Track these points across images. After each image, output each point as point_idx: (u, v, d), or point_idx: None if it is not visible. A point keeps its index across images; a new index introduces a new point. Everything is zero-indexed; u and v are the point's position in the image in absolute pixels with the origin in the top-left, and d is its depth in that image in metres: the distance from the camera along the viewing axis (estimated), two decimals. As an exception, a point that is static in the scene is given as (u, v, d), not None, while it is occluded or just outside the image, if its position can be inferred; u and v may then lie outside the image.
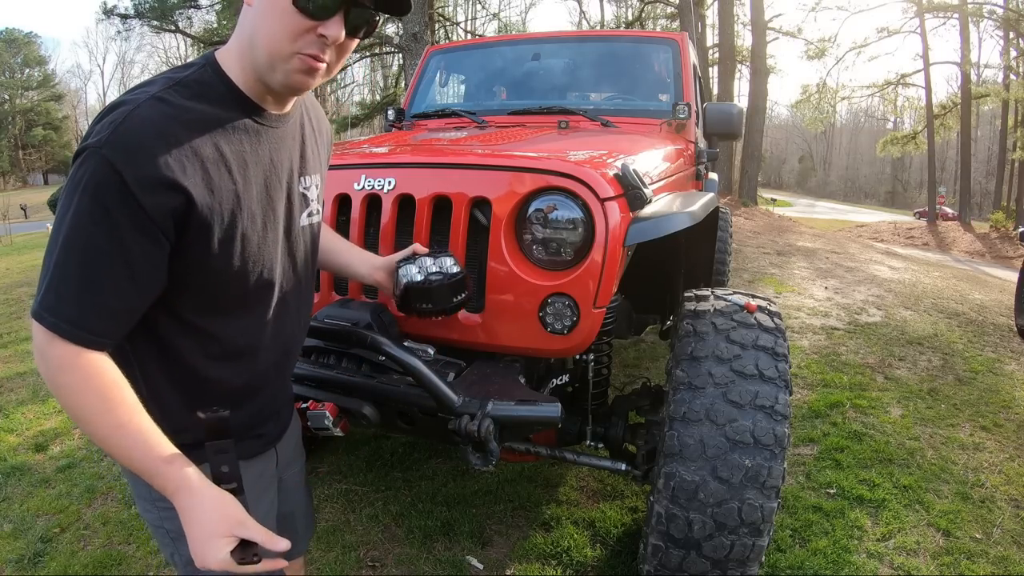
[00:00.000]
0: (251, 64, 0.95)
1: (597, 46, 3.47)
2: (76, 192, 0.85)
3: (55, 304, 0.87)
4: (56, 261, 0.87)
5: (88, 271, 0.87)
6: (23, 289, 7.30)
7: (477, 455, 1.46)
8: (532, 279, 1.58)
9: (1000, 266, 15.33)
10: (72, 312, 0.87)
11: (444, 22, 19.53)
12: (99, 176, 0.84)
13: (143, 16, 15.43)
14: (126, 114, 0.86)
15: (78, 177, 0.85)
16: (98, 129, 0.86)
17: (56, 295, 0.87)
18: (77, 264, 0.86)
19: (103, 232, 0.86)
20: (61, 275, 0.87)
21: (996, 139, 36.15)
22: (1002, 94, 25.70)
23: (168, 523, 1.10)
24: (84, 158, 0.85)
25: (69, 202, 0.86)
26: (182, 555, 1.11)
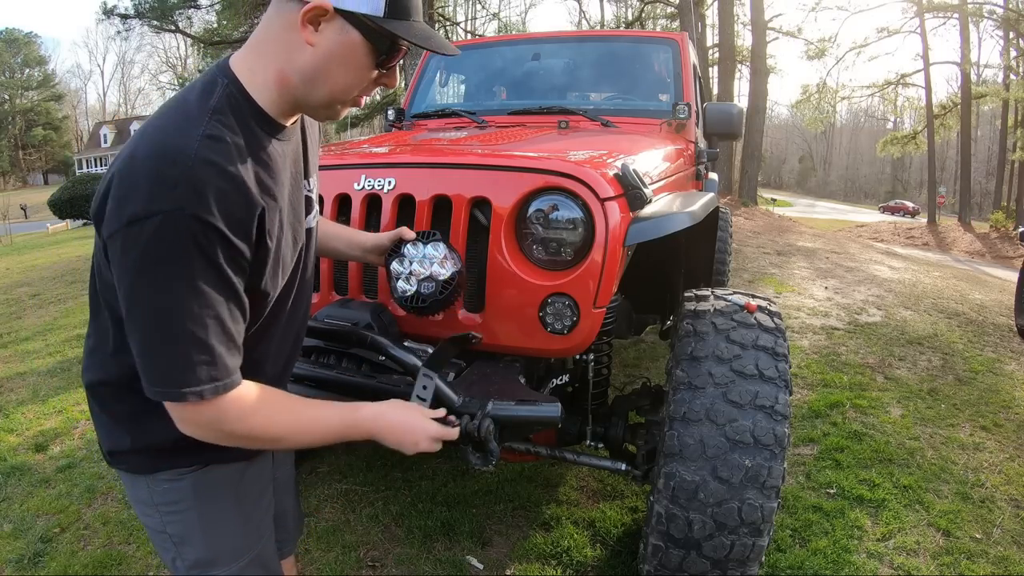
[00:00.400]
0: (296, 95, 0.96)
1: (597, 46, 3.47)
2: (174, 259, 0.83)
3: (204, 374, 0.88)
4: (182, 332, 0.85)
5: (216, 325, 0.88)
6: (23, 289, 7.30)
7: (477, 455, 1.46)
8: (532, 279, 1.58)
9: (1000, 266, 15.34)
10: (219, 371, 0.89)
11: (444, 22, 19.53)
12: (198, 234, 0.83)
13: (143, 16, 15.44)
14: (191, 165, 0.84)
15: (167, 243, 0.82)
16: (159, 187, 0.82)
17: (200, 365, 0.87)
18: (196, 323, 0.86)
19: (220, 285, 0.88)
20: (193, 342, 0.86)
21: (996, 139, 36.15)
22: (1002, 94, 25.71)
23: (171, 527, 1.10)
24: (167, 223, 0.82)
25: (166, 269, 0.83)
26: (185, 559, 1.11)
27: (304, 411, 1.02)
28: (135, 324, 0.87)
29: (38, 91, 57.16)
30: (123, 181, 0.85)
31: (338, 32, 0.91)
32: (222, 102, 0.91)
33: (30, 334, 5.25)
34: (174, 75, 43.78)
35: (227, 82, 0.94)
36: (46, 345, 4.89)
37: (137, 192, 0.83)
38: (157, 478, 1.07)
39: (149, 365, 0.88)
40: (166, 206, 0.82)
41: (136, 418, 1.04)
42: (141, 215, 0.82)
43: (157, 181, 0.83)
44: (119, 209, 0.84)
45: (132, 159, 0.85)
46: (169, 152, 0.84)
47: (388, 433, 1.10)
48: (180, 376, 0.87)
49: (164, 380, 0.87)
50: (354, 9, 0.90)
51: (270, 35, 0.94)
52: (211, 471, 1.09)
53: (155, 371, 0.88)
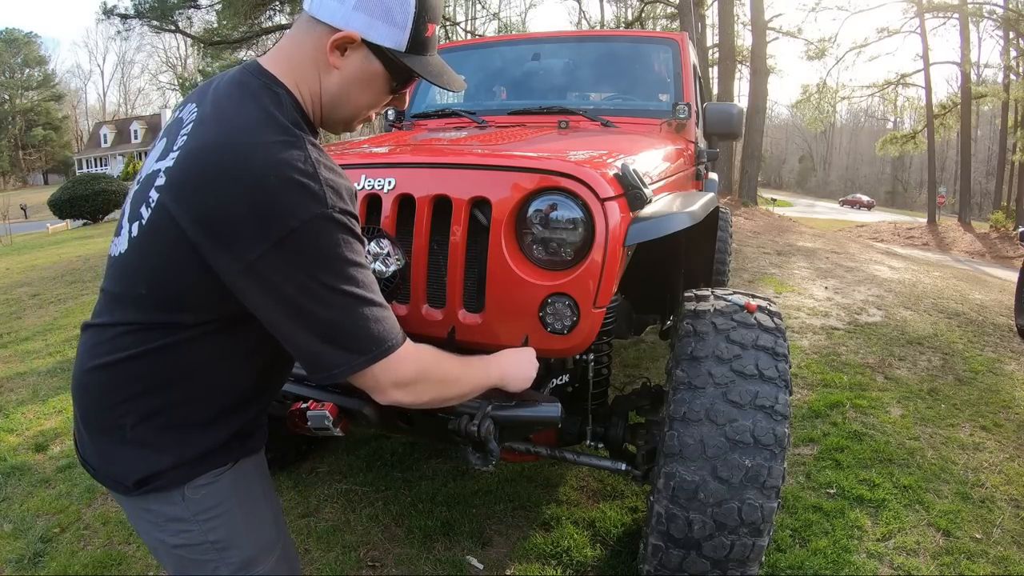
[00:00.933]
0: (325, 110, 1.05)
1: (597, 46, 3.47)
2: (341, 250, 0.93)
3: (392, 325, 1.00)
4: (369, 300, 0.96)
5: (375, 291, 0.99)
6: (23, 289, 7.30)
7: (477, 455, 1.46)
8: (532, 279, 1.58)
9: (1000, 266, 15.35)
10: (392, 325, 1.00)
11: (444, 22, 19.53)
12: (348, 223, 0.94)
13: (143, 16, 15.45)
14: (316, 170, 0.92)
15: (330, 239, 0.92)
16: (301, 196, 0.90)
17: (388, 320, 0.99)
18: (371, 292, 0.98)
19: (363, 257, 0.98)
20: (378, 305, 0.98)
21: (996, 139, 36.16)
22: (1002, 94, 25.72)
23: (214, 533, 1.07)
24: (323, 224, 0.91)
25: (336, 260, 0.93)
26: (230, 563, 1.08)
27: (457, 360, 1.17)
28: (316, 317, 0.93)
29: (38, 91, 57.17)
30: (260, 198, 0.88)
31: (362, 60, 1.01)
32: (292, 112, 0.99)
33: (30, 334, 5.25)
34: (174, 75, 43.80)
35: (284, 94, 1.00)
36: (46, 345, 4.89)
37: (283, 205, 0.89)
38: (194, 486, 1.03)
39: (345, 344, 0.95)
40: (317, 209, 0.90)
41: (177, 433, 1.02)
42: (296, 224, 0.89)
43: (300, 190, 0.90)
44: (265, 226, 0.88)
45: (258, 176, 0.89)
46: (295, 161, 0.91)
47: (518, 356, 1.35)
48: (377, 336, 0.96)
49: (363, 347, 0.96)
50: (379, 43, 1.00)
51: (302, 53, 1.01)
52: (241, 465, 1.09)
53: (353, 346, 0.95)
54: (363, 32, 0.98)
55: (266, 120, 0.94)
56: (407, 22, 1.00)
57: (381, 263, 1.50)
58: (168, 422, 1.02)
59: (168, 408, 1.01)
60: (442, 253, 1.66)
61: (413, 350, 1.04)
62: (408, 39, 1.01)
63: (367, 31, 0.98)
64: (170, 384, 1.00)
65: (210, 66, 19.76)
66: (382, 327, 0.97)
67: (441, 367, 1.11)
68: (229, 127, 0.94)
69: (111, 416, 1.02)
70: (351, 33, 0.97)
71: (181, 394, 1.01)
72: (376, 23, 0.98)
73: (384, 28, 0.99)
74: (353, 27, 0.97)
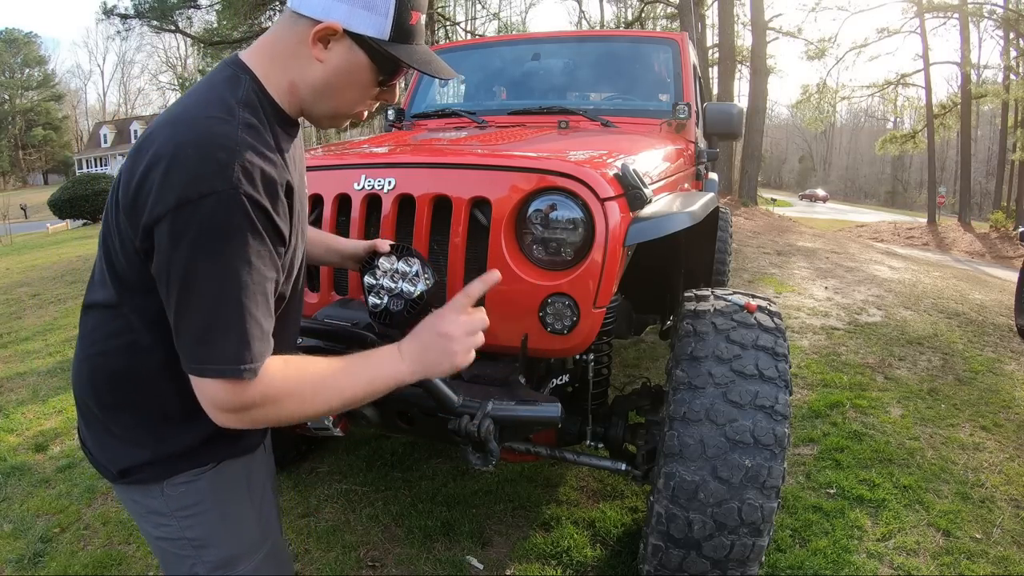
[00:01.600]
0: (304, 105, 1.02)
1: (597, 46, 3.47)
2: (230, 237, 0.86)
3: (258, 349, 0.89)
4: (242, 308, 0.87)
5: (262, 300, 0.91)
6: (23, 289, 7.30)
7: (477, 455, 1.46)
8: (532, 279, 1.58)
9: (1000, 266, 15.34)
10: (266, 346, 0.91)
11: (444, 22, 19.53)
12: (251, 212, 0.87)
13: (143, 16, 15.45)
14: (237, 149, 0.88)
15: (223, 222, 0.85)
16: (209, 170, 0.85)
17: (255, 340, 0.89)
18: (252, 300, 0.89)
19: (266, 262, 0.91)
20: (250, 318, 0.88)
21: (996, 139, 36.15)
22: (1002, 94, 25.70)
23: (191, 531, 1.08)
24: (221, 202, 0.85)
25: (223, 248, 0.86)
26: (207, 562, 1.10)
27: (340, 379, 0.98)
28: (190, 304, 0.87)
29: (38, 91, 57.17)
30: (171, 166, 0.86)
31: (346, 52, 0.98)
32: (250, 96, 0.96)
33: (30, 334, 5.25)
34: (174, 75, 43.76)
35: (248, 79, 0.98)
36: (46, 345, 4.89)
37: (185, 176, 0.85)
38: (173, 482, 1.05)
39: (206, 343, 0.88)
40: (219, 186, 0.85)
41: (157, 426, 1.03)
42: (193, 197, 0.84)
43: (207, 164, 0.86)
44: (169, 192, 0.85)
45: (171, 146, 0.88)
46: (215, 137, 0.88)
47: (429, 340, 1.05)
48: (239, 352, 0.88)
49: (221, 357, 0.87)
50: (362, 32, 0.97)
51: (283, 46, 0.99)
52: (224, 466, 1.09)
53: (212, 350, 0.87)
54: (344, 22, 0.96)
55: (210, 100, 0.94)
56: (389, 9, 0.97)
57: (408, 283, 1.47)
58: (144, 416, 1.03)
59: (143, 401, 1.03)
60: (442, 253, 1.66)
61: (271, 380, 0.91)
62: (391, 27, 0.98)
63: (348, 20, 0.96)
64: (143, 378, 1.01)
65: (210, 66, 19.77)
66: (240, 345, 0.87)
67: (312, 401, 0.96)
68: (175, 110, 0.95)
69: (98, 403, 1.06)
70: (332, 24, 0.95)
71: (154, 388, 1.02)
72: (357, 11, 0.96)
73: (366, 16, 0.97)
74: (334, 17, 0.95)
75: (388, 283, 1.45)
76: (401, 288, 1.45)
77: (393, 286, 1.45)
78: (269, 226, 0.91)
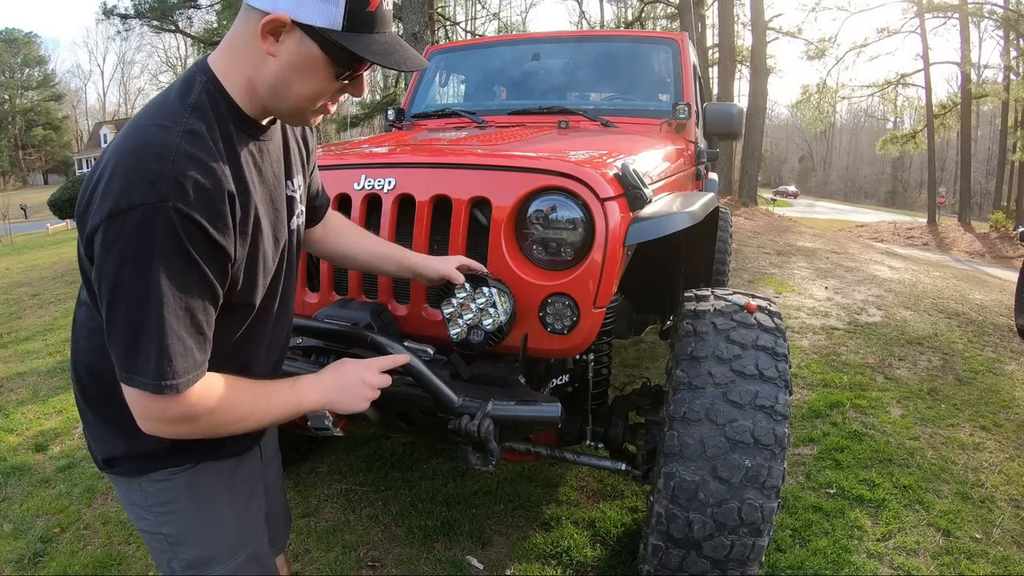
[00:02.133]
0: (265, 102, 0.97)
1: (597, 46, 3.47)
2: (156, 251, 0.84)
3: (180, 365, 0.88)
4: (163, 324, 0.86)
5: (187, 317, 0.88)
6: (23, 289, 7.30)
7: (477, 455, 1.46)
8: (532, 279, 1.58)
9: (1000, 266, 15.35)
10: (191, 363, 0.90)
11: (444, 22, 19.53)
12: (178, 227, 0.84)
13: (143, 16, 15.45)
14: (171, 159, 0.85)
15: (149, 235, 0.83)
16: (141, 180, 0.83)
17: (177, 357, 0.88)
18: (175, 316, 0.87)
19: (195, 278, 0.88)
20: (172, 335, 0.87)
21: (996, 139, 36.14)
22: (1002, 94, 25.69)
23: (166, 527, 1.10)
24: (148, 215, 0.83)
25: (148, 261, 0.84)
26: (181, 559, 1.12)
27: (262, 396, 1.02)
28: (116, 315, 0.86)
29: (38, 91, 57.16)
30: (112, 174, 0.85)
31: (297, 44, 0.92)
32: (201, 98, 0.93)
33: (30, 334, 5.25)
34: (174, 75, 43.79)
35: (205, 80, 0.95)
36: (46, 345, 4.89)
37: (120, 185, 0.84)
38: (150, 479, 1.07)
39: (129, 354, 0.87)
40: (149, 198, 0.83)
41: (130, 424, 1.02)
42: (124, 207, 0.83)
43: (140, 174, 0.84)
44: (103, 202, 0.84)
45: (116, 154, 0.87)
46: (151, 146, 0.86)
47: (331, 380, 1.12)
48: (159, 367, 0.86)
49: (142, 370, 0.87)
50: (311, 22, 0.90)
51: (241, 41, 0.95)
52: (203, 468, 1.10)
53: (135, 362, 0.87)
54: (291, 12, 0.89)
55: (158, 107, 0.92)
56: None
57: (485, 315, 1.47)
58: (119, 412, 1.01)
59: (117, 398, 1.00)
60: (442, 253, 1.66)
61: (197, 400, 0.92)
62: (343, 15, 0.90)
63: (295, 11, 0.89)
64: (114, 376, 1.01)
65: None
66: (161, 360, 0.86)
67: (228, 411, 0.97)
68: (135, 116, 0.95)
69: (82, 395, 1.09)
70: (278, 15, 0.89)
71: None
72: (304, 1, 0.89)
73: (314, 5, 0.89)
74: (280, 8, 0.89)
75: (466, 316, 1.50)
76: (479, 321, 1.49)
77: (470, 318, 1.50)
78: (203, 239, 0.87)
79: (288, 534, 1.49)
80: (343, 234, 1.45)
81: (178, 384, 0.88)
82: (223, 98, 0.95)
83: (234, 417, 0.98)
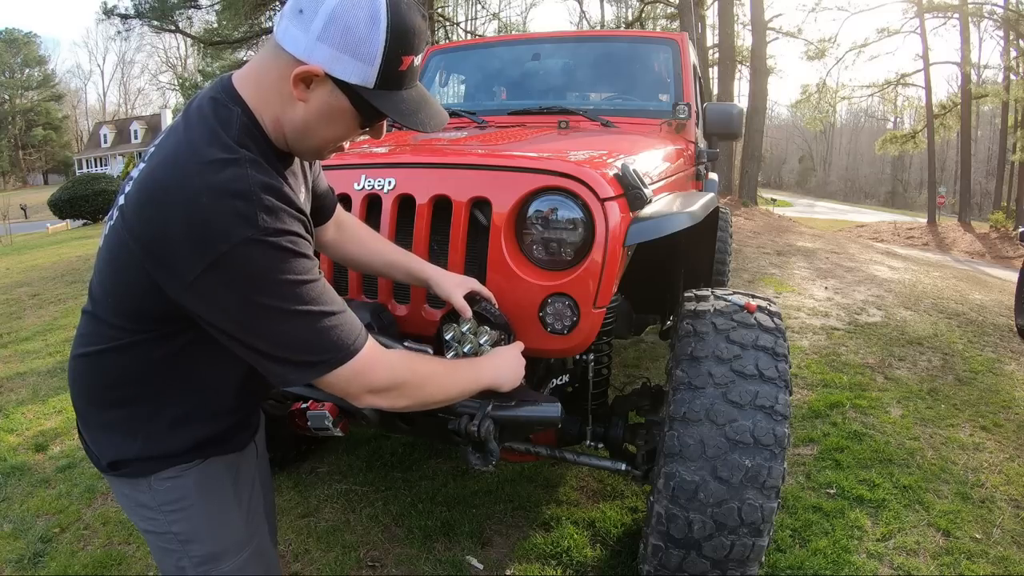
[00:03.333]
0: (290, 140, 1.00)
1: (597, 46, 3.47)
2: (269, 271, 0.89)
3: (352, 327, 0.98)
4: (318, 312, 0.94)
5: (324, 303, 0.95)
6: (23, 289, 7.30)
7: (477, 455, 1.46)
8: (532, 279, 1.58)
9: (1000, 266, 15.34)
10: (350, 328, 0.98)
11: (444, 22, 19.54)
12: (279, 243, 0.90)
13: (143, 16, 15.44)
14: (246, 190, 0.89)
15: (258, 263, 0.88)
16: (235, 221, 0.87)
17: (346, 325, 0.97)
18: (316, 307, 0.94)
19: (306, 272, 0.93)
20: (315, 324, 0.94)
21: (996, 139, 36.14)
22: (1002, 94, 25.67)
23: (177, 525, 1.10)
24: (253, 248, 0.87)
25: (267, 282, 0.89)
26: (193, 556, 1.12)
27: (440, 364, 1.22)
28: (263, 336, 0.92)
29: (38, 91, 57.16)
30: (196, 220, 0.86)
31: (328, 95, 0.94)
32: (241, 133, 0.94)
33: (30, 334, 5.25)
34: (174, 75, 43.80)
35: (239, 111, 0.96)
36: (46, 345, 4.89)
37: (216, 228, 0.86)
38: (160, 477, 1.07)
39: (297, 357, 0.94)
40: (247, 232, 0.87)
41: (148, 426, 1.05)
42: (227, 248, 0.86)
43: (231, 212, 0.87)
44: (203, 248, 0.86)
45: (195, 197, 0.87)
46: (229, 183, 0.88)
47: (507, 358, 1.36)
48: (336, 342, 0.95)
49: (321, 355, 0.94)
50: (345, 79, 0.92)
51: (270, 80, 0.96)
52: (211, 464, 1.11)
53: (308, 355, 0.94)
54: (327, 67, 0.90)
55: (210, 140, 0.92)
56: (375, 57, 0.91)
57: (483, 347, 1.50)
58: (136, 415, 1.05)
59: (135, 402, 1.05)
60: (442, 253, 1.66)
61: (380, 354, 1.02)
62: (377, 75, 0.92)
63: (331, 66, 0.91)
64: (134, 382, 1.03)
65: (210, 66, 19.76)
66: (336, 335, 0.95)
67: (418, 372, 1.09)
68: (175, 148, 0.94)
69: (88, 400, 1.08)
70: (314, 68, 0.90)
71: (146, 392, 1.04)
72: (342, 57, 0.90)
73: (350, 63, 0.91)
74: (316, 60, 0.90)
75: (466, 346, 1.51)
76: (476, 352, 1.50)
77: (469, 349, 1.51)
78: (299, 242, 0.94)
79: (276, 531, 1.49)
80: (358, 239, 1.46)
81: (352, 348, 0.96)
82: (258, 131, 0.97)
83: (432, 381, 1.12)
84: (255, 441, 1.25)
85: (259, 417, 1.27)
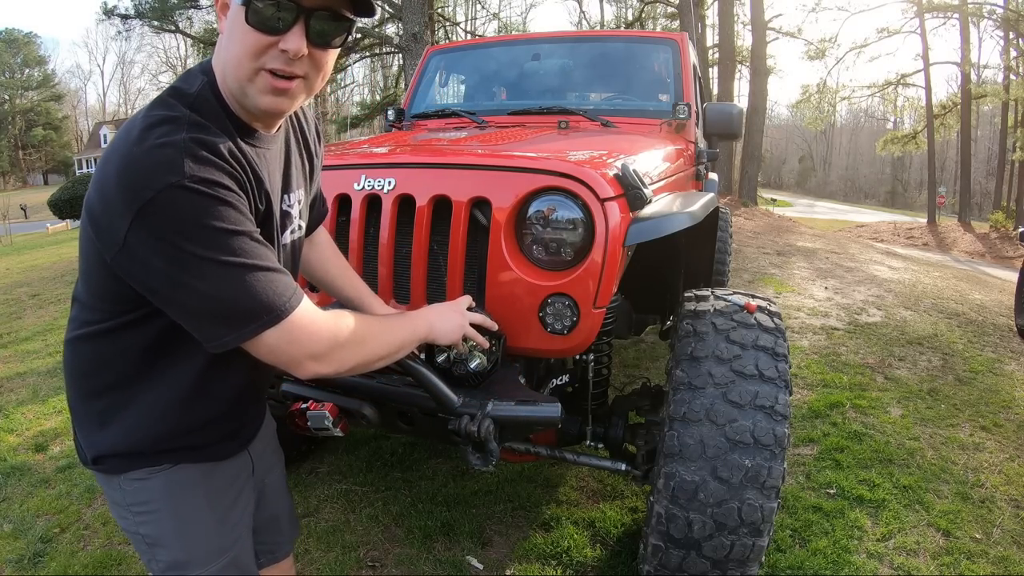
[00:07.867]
0: (229, 92, 0.97)
1: (597, 46, 3.47)
2: (195, 221, 0.86)
3: (284, 288, 0.94)
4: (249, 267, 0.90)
5: (263, 249, 0.93)
6: (23, 289, 7.30)
7: (477, 455, 1.46)
8: (532, 279, 1.58)
9: (1000, 266, 15.33)
10: (280, 287, 0.94)
11: (444, 22, 19.53)
12: (205, 192, 0.87)
13: (143, 16, 15.41)
14: (175, 139, 0.87)
15: (182, 212, 0.85)
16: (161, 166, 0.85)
17: (276, 284, 0.93)
18: (259, 255, 0.92)
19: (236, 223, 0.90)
20: (262, 270, 0.91)
21: (996, 139, 36.11)
22: (1002, 94, 25.67)
23: (144, 527, 1.10)
24: (174, 195, 0.85)
25: (192, 233, 0.86)
26: (159, 560, 1.11)
27: (371, 319, 1.15)
28: (193, 290, 0.88)
29: (38, 91, 57.17)
30: (125, 172, 0.86)
31: (233, 10, 0.93)
32: (199, 98, 0.95)
33: (30, 334, 5.25)
34: (174, 75, 43.76)
35: (205, 81, 0.96)
36: (46, 345, 4.89)
37: (142, 176, 0.85)
38: (129, 477, 1.07)
39: (229, 313, 0.90)
40: (171, 178, 0.85)
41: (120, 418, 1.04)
42: (151, 195, 0.84)
43: (157, 160, 0.86)
44: (131, 196, 0.85)
45: (128, 151, 0.88)
46: (160, 135, 0.88)
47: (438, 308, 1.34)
48: (268, 300, 0.91)
49: (256, 313, 0.91)
50: None
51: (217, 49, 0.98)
52: (181, 470, 1.09)
53: (241, 312, 0.90)
54: None
55: (157, 102, 0.93)
56: None
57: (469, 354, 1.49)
58: (111, 407, 1.05)
59: (105, 393, 1.04)
60: (442, 253, 1.66)
61: (316, 314, 0.99)
62: None
63: None
64: (109, 369, 1.03)
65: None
66: (268, 291, 0.91)
67: (356, 331, 1.04)
68: (131, 119, 0.95)
69: (74, 390, 1.09)
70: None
71: (119, 382, 1.03)
72: None
73: None
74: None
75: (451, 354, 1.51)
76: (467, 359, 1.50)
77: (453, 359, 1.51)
78: (227, 193, 0.90)
79: (295, 537, 1.47)
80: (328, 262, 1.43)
81: (287, 306, 0.93)
82: (219, 101, 0.97)
83: (368, 335, 1.07)
84: (251, 453, 1.21)
85: (255, 429, 1.23)
